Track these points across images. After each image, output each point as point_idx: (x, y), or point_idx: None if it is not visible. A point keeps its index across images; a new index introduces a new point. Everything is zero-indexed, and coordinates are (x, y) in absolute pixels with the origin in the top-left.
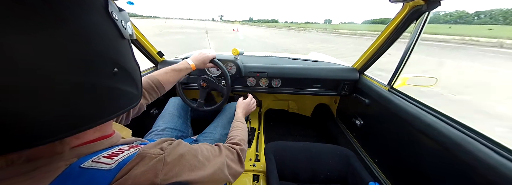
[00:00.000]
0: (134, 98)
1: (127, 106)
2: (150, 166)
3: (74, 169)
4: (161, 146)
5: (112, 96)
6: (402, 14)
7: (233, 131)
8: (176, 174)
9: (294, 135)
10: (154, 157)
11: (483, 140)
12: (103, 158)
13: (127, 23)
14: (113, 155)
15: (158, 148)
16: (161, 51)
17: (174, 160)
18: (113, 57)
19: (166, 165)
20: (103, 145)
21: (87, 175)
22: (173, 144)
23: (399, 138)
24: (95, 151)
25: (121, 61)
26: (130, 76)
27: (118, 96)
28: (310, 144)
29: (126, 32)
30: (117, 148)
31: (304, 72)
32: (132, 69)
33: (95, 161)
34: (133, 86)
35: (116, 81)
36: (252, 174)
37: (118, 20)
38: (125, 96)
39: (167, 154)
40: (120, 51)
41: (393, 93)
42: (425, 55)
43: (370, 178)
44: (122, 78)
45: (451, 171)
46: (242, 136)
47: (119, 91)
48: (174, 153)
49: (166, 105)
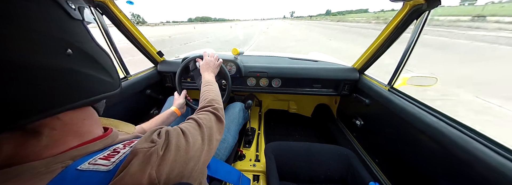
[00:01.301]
0: (108, 85)
1: (100, 92)
2: (144, 160)
3: (70, 172)
4: (151, 138)
5: (74, 79)
6: (402, 13)
7: (202, 95)
8: (172, 164)
9: (294, 135)
10: (147, 151)
11: (483, 140)
12: (100, 159)
13: (81, 7)
14: (110, 156)
15: (149, 141)
16: (161, 51)
17: (166, 150)
18: (61, 37)
19: (159, 156)
20: (98, 146)
21: (85, 177)
22: (161, 134)
23: (399, 138)
24: (90, 152)
25: (76, 42)
26: (92, 59)
27: (82, 79)
28: (310, 144)
29: (76, 13)
30: (112, 148)
31: (304, 72)
32: (94, 53)
33: (92, 163)
34: (101, 71)
35: (72, 62)
36: (252, 174)
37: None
38: (94, 80)
39: (158, 145)
40: (71, 32)
41: (393, 93)
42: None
43: (370, 178)
44: (81, 61)
45: (451, 171)
46: (213, 96)
47: (82, 74)
48: (165, 143)
49: (165, 104)
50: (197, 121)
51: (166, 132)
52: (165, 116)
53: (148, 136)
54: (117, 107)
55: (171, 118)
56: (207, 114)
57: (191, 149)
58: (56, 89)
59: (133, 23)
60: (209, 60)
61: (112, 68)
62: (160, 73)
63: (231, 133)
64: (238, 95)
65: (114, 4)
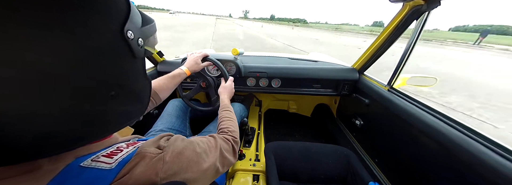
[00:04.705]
0: (134, 116)
1: (123, 124)
2: (150, 165)
3: (73, 168)
4: (159, 144)
5: (105, 119)
6: (402, 14)
7: (223, 121)
8: (176, 172)
9: (294, 135)
10: (154, 156)
11: (483, 140)
12: (103, 157)
13: (150, 38)
14: (113, 154)
15: (156, 147)
16: (161, 51)
17: (173, 158)
18: (115, 80)
19: (165, 163)
20: (103, 145)
21: (87, 174)
22: (170, 141)
23: (399, 138)
24: (93, 151)
25: (125, 82)
26: (134, 95)
27: (113, 117)
28: (310, 144)
29: (140, 51)
30: (115, 146)
31: (304, 72)
32: (139, 89)
33: (94, 160)
34: (137, 104)
35: (113, 103)
36: (252, 174)
37: (133, 39)
38: (123, 115)
39: (165, 152)
40: (126, 72)
41: (393, 93)
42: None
43: (370, 178)
44: (122, 99)
45: (451, 171)
46: (233, 127)
47: (118, 112)
48: (173, 151)
49: (165, 107)
50: (216, 140)
51: (175, 140)
52: (176, 78)
53: (157, 139)
54: None
55: (178, 78)
56: (227, 143)
57: (199, 162)
58: (91, 128)
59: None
60: (229, 84)
61: (147, 97)
62: (160, 73)
63: None
64: (238, 95)
65: None
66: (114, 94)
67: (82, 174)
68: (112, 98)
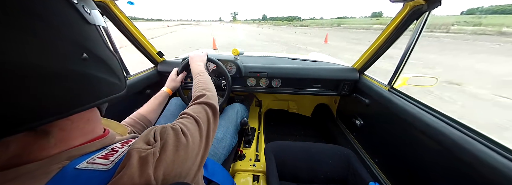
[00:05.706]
0: (116, 87)
1: (109, 95)
2: (142, 161)
3: (68, 171)
4: (148, 139)
5: (87, 82)
6: (403, 14)
7: (194, 86)
8: (169, 164)
9: (294, 135)
10: (143, 152)
11: (483, 140)
12: (98, 159)
13: (93, 11)
14: (108, 156)
15: (146, 142)
16: (161, 51)
17: (163, 151)
18: (79, 42)
19: (156, 157)
20: (95, 146)
21: (84, 176)
22: (157, 133)
23: (399, 138)
24: (87, 152)
25: (91, 47)
26: (104, 63)
27: (95, 83)
28: (310, 144)
29: (91, 18)
30: (110, 147)
31: (304, 72)
32: (106, 57)
33: (90, 162)
34: (112, 74)
35: (87, 67)
36: (252, 174)
37: (78, 3)
38: (104, 83)
39: (155, 147)
40: (87, 36)
41: (393, 93)
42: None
43: (370, 178)
44: (95, 65)
45: (451, 171)
46: (202, 85)
47: (94, 78)
48: (162, 143)
49: (167, 105)
50: (194, 117)
51: (164, 132)
52: (159, 98)
53: (145, 135)
54: (117, 107)
55: (160, 98)
56: (202, 107)
57: (190, 148)
58: (71, 93)
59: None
60: (195, 52)
61: (120, 71)
62: (160, 73)
63: (229, 132)
64: (238, 95)
65: (115, 5)
66: (86, 58)
67: (79, 176)
68: (84, 60)
